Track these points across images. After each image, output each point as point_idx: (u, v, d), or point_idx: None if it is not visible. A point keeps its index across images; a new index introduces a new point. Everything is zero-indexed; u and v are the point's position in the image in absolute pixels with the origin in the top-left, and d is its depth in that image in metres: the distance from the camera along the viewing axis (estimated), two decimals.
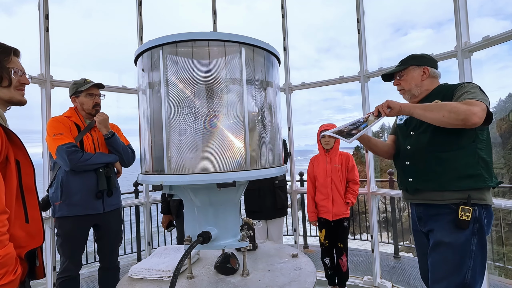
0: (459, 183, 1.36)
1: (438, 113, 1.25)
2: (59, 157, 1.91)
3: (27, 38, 3.10)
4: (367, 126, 1.42)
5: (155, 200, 3.05)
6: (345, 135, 1.42)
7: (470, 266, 1.31)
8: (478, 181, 1.35)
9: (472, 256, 1.32)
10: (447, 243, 1.35)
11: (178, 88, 0.96)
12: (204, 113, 0.93)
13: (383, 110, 1.41)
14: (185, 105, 0.94)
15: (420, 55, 1.62)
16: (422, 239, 1.57)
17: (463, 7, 2.21)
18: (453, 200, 1.36)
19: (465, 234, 1.32)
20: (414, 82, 1.57)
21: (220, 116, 0.93)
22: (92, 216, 2.02)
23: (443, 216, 1.39)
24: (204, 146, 0.94)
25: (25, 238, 1.01)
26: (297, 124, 5.17)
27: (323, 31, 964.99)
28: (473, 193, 1.34)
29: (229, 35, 0.90)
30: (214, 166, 0.94)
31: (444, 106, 1.26)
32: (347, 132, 1.44)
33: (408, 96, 1.62)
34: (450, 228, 1.35)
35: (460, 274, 1.31)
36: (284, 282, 1.03)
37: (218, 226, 1.04)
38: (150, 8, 3.02)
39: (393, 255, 3.91)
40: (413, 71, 1.58)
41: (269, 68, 1.03)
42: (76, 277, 2.01)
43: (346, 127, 1.49)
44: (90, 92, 2.08)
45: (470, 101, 1.26)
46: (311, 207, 2.64)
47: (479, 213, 1.33)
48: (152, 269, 1.16)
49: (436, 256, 1.39)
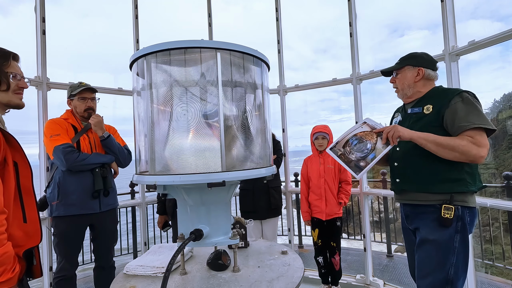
0: (442, 185, 1.41)
1: (450, 154, 1.34)
2: (56, 158, 1.95)
3: (23, 38, 3.12)
4: (375, 157, 1.42)
5: (151, 201, 3.09)
6: (353, 166, 1.45)
7: (453, 263, 1.36)
8: (461, 185, 1.39)
9: (455, 253, 1.36)
10: (431, 240, 1.40)
11: (162, 93, 1.02)
12: (191, 116, 0.98)
13: (393, 140, 1.41)
14: (173, 108, 0.99)
15: (419, 54, 1.61)
16: (410, 237, 1.61)
17: (450, 12, 2.28)
18: (437, 201, 1.41)
19: (449, 232, 1.37)
20: (407, 83, 1.58)
21: (202, 118, 0.99)
22: (88, 216, 2.05)
23: (428, 215, 1.44)
24: (194, 147, 0.99)
25: (23, 237, 1.04)
26: (294, 124, 5.24)
27: (320, 32, 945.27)
28: (456, 195, 1.38)
29: (205, 42, 0.96)
30: (205, 166, 0.98)
31: (457, 147, 1.32)
32: (355, 162, 1.46)
33: (401, 95, 1.64)
34: (435, 226, 1.40)
35: (444, 270, 1.36)
36: (272, 277, 1.07)
37: (210, 224, 1.09)
38: (146, 10, 3.05)
39: (386, 254, 3.97)
40: (407, 71, 1.58)
41: (255, 71, 1.08)
42: (73, 277, 2.04)
43: (354, 155, 1.48)
44: (83, 95, 2.11)
45: (479, 140, 1.31)
46: (304, 207, 2.69)
47: (462, 212, 1.38)
48: (146, 265, 1.21)
49: (421, 253, 1.44)
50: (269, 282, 1.04)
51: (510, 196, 3.30)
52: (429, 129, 1.42)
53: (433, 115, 1.45)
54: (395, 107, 1.82)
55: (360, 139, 1.53)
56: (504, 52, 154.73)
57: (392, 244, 4.16)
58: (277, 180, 2.92)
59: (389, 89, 1.74)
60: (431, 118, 1.46)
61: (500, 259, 3.85)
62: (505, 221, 3.77)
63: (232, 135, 1.03)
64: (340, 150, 1.55)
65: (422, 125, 1.46)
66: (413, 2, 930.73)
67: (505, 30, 1.92)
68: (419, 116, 1.51)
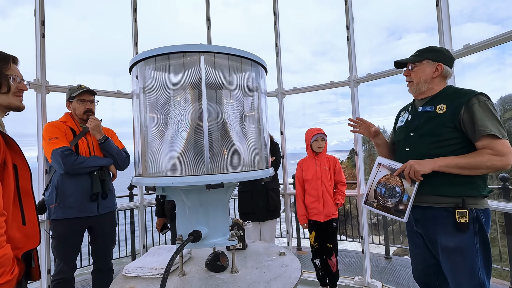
0: (454, 188, 1.36)
1: (476, 172, 1.32)
2: (54, 161, 1.95)
3: (22, 41, 3.11)
4: (409, 197, 1.42)
5: (149, 203, 3.09)
6: (395, 212, 1.46)
7: (480, 265, 1.32)
8: (473, 189, 1.34)
9: (479, 255, 1.33)
10: (453, 248, 1.35)
11: (156, 97, 1.04)
12: (187, 119, 0.99)
13: (417, 178, 1.38)
14: (170, 111, 1.01)
15: (440, 49, 1.54)
16: (417, 239, 1.57)
17: (445, 16, 2.31)
18: (448, 204, 1.36)
19: (468, 236, 1.32)
20: (424, 77, 1.50)
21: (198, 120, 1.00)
22: (86, 219, 2.05)
23: (441, 220, 1.39)
24: (192, 150, 1.00)
25: (22, 239, 1.04)
26: (293, 127, 5.25)
27: (319, 35, 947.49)
28: (467, 199, 1.34)
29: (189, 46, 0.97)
30: (203, 168, 1.00)
31: (481, 166, 1.29)
32: (394, 208, 1.47)
33: (414, 90, 1.56)
34: (453, 231, 1.35)
35: (475, 275, 1.32)
36: (270, 278, 1.08)
37: (209, 225, 1.10)
38: (146, 14, 3.07)
39: (384, 256, 3.98)
40: (426, 65, 1.50)
41: (249, 74, 1.09)
42: (71, 280, 2.04)
43: (389, 202, 1.49)
44: (82, 98, 2.12)
45: (500, 150, 1.28)
46: (301, 210, 2.69)
47: (476, 214, 1.33)
48: (145, 267, 1.21)
49: (447, 263, 1.39)
50: (266, 283, 1.05)
51: (507, 197, 3.32)
52: (442, 130, 1.39)
53: (447, 116, 1.40)
54: (393, 109, 1.83)
55: (386, 186, 1.52)
56: (500, 55, 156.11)
57: (390, 246, 4.17)
58: (276, 182, 2.94)
59: (386, 92, 1.78)
60: (445, 119, 1.40)
61: (497, 261, 3.87)
62: (502, 222, 3.79)
63: (230, 137, 1.04)
64: (375, 202, 1.56)
65: (435, 125, 1.42)
66: (411, 6, 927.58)
67: (500, 33, 1.95)
68: (431, 116, 1.45)
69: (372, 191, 1.57)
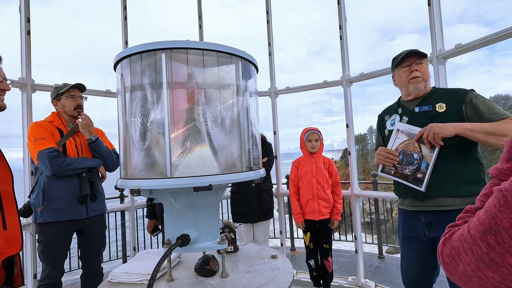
0: (466, 187, 1.35)
1: (500, 140, 1.23)
2: (41, 162, 1.89)
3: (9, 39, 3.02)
4: (428, 164, 1.36)
5: (140, 205, 3.03)
6: (413, 180, 1.39)
7: None
8: (481, 186, 1.28)
9: None
10: None
11: (139, 96, 1.01)
12: (174, 118, 0.96)
13: (436, 142, 1.32)
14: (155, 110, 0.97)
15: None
16: (417, 244, 1.52)
17: (437, 16, 2.32)
18: (463, 205, 1.30)
19: None
20: (427, 76, 1.53)
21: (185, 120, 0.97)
22: (75, 222, 2.00)
23: None
24: (179, 150, 0.97)
25: (3, 244, 1.00)
26: (287, 127, 5.24)
27: (314, 35, 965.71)
28: None
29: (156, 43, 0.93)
30: (191, 170, 0.96)
31: (507, 131, 1.23)
32: (412, 176, 1.40)
33: (418, 88, 1.53)
34: None
35: None
36: (261, 283, 1.06)
37: (198, 228, 1.06)
38: (136, 12, 3.01)
39: (377, 255, 3.99)
40: (427, 64, 1.54)
41: (234, 72, 1.06)
42: (58, 284, 1.98)
43: (407, 170, 1.42)
44: (71, 93, 2.06)
45: None
46: (296, 208, 2.67)
47: None
48: (132, 272, 1.17)
49: None
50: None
51: None
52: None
53: (452, 113, 1.40)
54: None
55: (404, 152, 1.45)
56: (490, 56, 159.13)
57: (383, 245, 4.19)
58: (269, 183, 2.91)
59: (379, 92, 1.77)
60: (450, 116, 1.39)
61: None
62: None
63: (218, 138, 1.01)
64: (392, 169, 1.49)
65: (442, 122, 1.38)
66: (404, 7, 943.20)
67: (490, 33, 1.97)
68: (434, 114, 1.44)
69: None
